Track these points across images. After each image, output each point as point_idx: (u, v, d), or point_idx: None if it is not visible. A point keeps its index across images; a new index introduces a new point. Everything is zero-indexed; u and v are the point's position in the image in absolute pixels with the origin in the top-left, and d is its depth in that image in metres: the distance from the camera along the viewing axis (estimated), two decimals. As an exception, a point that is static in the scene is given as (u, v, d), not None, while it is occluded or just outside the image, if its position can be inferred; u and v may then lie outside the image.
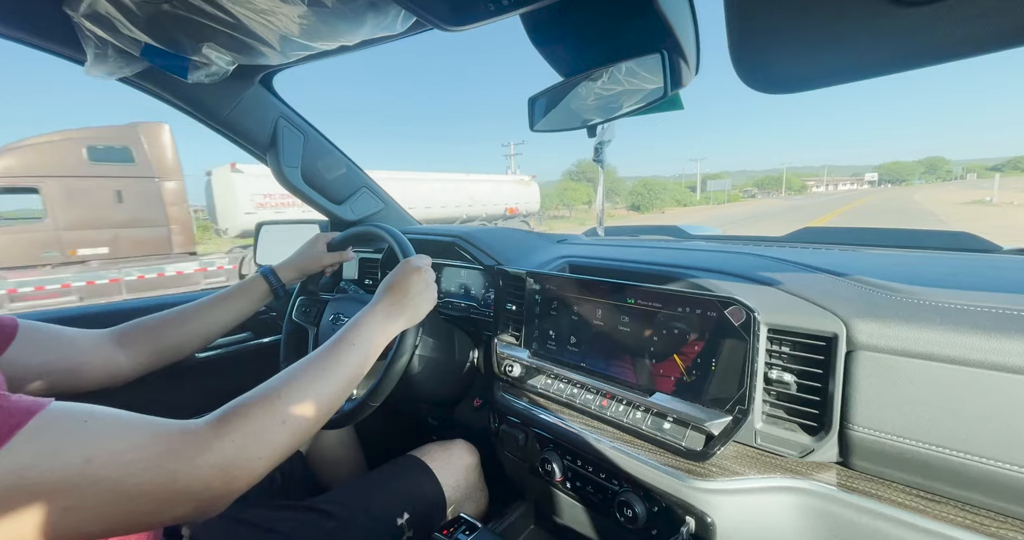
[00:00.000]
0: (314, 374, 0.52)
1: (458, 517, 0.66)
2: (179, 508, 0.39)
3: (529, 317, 0.85)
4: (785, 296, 0.60)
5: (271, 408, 0.46)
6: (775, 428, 0.57)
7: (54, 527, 0.33)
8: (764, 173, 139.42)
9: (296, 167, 1.07)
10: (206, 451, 0.40)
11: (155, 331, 0.75)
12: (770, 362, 0.57)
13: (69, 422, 0.36)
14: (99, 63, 0.70)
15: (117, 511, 0.36)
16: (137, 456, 0.37)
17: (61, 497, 0.33)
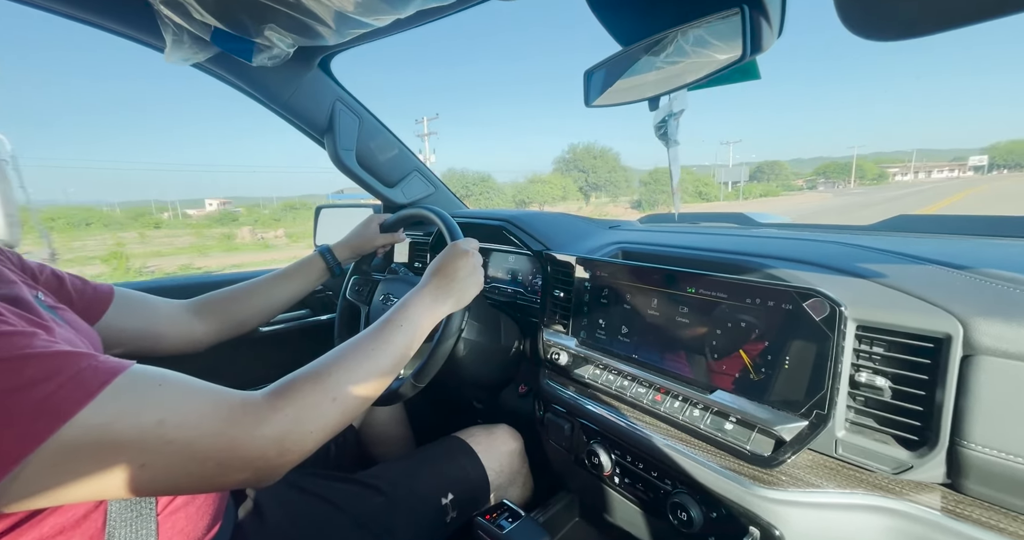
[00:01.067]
0: (363, 354, 0.53)
1: (501, 503, 0.65)
2: (238, 474, 0.41)
3: (578, 305, 0.81)
4: (880, 289, 0.52)
5: (323, 385, 0.47)
6: (862, 438, 0.50)
7: (133, 480, 0.35)
8: (829, 160, 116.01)
9: (351, 150, 1.10)
10: (263, 423, 0.42)
11: (226, 304, 0.81)
12: (858, 363, 0.50)
13: (146, 384, 0.38)
14: (176, 49, 0.74)
15: (185, 471, 0.38)
16: (202, 422, 0.39)
17: (138, 453, 0.35)
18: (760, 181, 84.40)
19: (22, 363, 0.32)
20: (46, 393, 0.32)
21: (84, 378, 0.34)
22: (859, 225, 0.95)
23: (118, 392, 0.35)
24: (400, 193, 1.26)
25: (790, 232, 0.89)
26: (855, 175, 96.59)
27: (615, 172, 40.21)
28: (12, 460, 0.30)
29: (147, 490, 0.37)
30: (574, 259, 0.83)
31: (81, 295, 0.65)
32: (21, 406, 0.31)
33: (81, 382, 0.34)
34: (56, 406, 0.32)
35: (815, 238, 0.77)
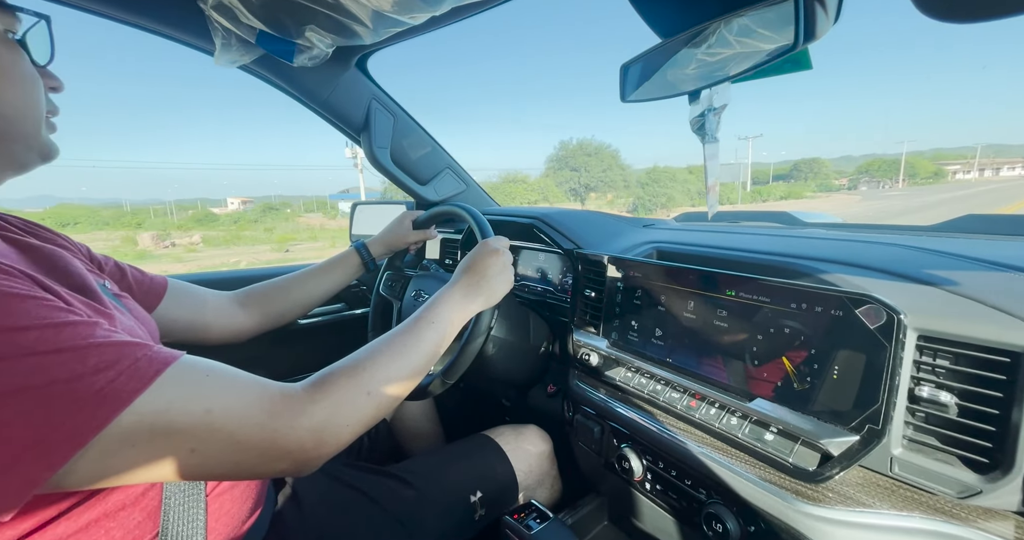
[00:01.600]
0: (396, 351, 0.54)
1: (529, 503, 0.65)
2: (278, 463, 0.42)
3: (609, 305, 0.80)
4: (946, 296, 0.48)
5: (357, 380, 0.48)
6: (921, 457, 0.46)
7: (183, 466, 0.38)
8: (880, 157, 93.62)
9: (386, 148, 1.12)
10: (301, 415, 0.43)
11: (268, 296, 0.85)
12: (919, 377, 0.46)
13: (195, 374, 0.40)
14: (224, 52, 0.77)
15: (231, 459, 0.40)
16: (246, 412, 0.40)
17: (188, 440, 0.37)
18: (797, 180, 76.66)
19: (86, 352, 0.34)
20: (107, 380, 0.34)
21: (140, 367, 0.36)
22: (920, 225, 0.88)
23: (170, 382, 0.37)
24: (432, 190, 1.27)
25: (840, 232, 0.84)
26: (904, 173, 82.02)
27: (611, 171, 33.45)
28: (79, 442, 0.32)
29: (196, 475, 0.39)
30: (606, 258, 0.81)
31: (140, 285, 0.69)
32: (86, 392, 0.33)
33: (137, 371, 0.36)
34: (116, 393, 0.34)
35: (868, 239, 0.72)
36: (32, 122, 0.46)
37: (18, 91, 0.45)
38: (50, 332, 0.34)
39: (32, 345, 0.32)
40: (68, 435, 0.32)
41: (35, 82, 0.47)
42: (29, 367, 0.32)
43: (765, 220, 1.11)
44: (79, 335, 0.35)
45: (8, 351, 0.31)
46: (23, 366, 0.32)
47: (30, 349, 0.32)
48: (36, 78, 0.47)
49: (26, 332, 0.33)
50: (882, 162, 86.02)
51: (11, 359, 0.31)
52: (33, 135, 0.47)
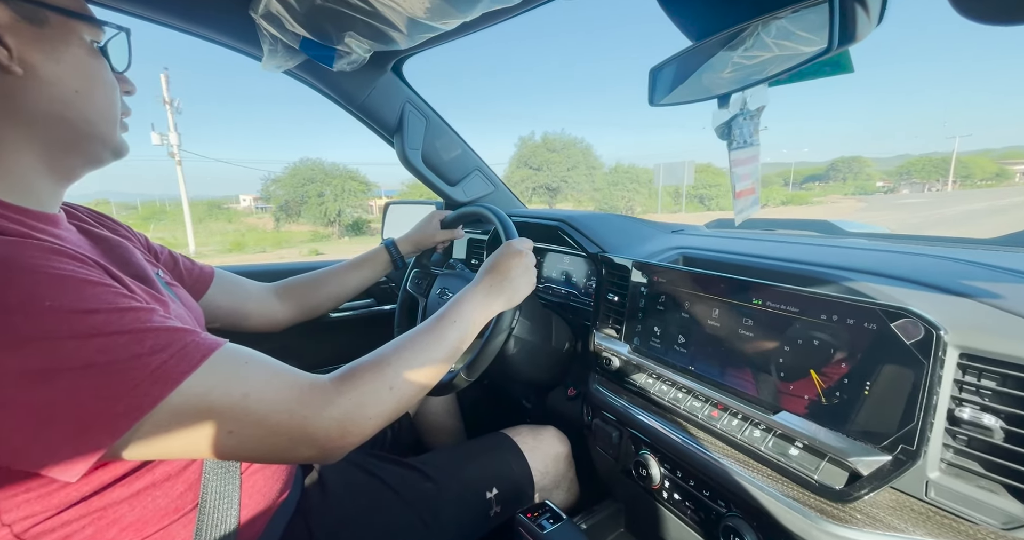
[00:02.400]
0: (419, 347, 0.56)
1: (543, 503, 0.65)
2: (306, 450, 0.45)
3: (632, 310, 0.79)
4: (993, 312, 0.45)
5: (382, 375, 0.51)
6: (961, 483, 0.43)
7: (221, 445, 0.41)
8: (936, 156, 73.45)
9: (418, 149, 1.15)
10: (328, 405, 0.45)
11: (304, 289, 0.89)
12: (960, 397, 0.44)
13: (236, 361, 0.43)
14: (271, 58, 0.82)
15: (264, 443, 0.43)
16: (279, 399, 0.43)
17: (227, 422, 0.40)
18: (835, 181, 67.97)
19: (144, 336, 0.38)
20: (160, 362, 0.38)
21: (188, 352, 0.40)
22: (976, 238, 0.82)
23: (214, 366, 0.40)
24: (461, 191, 1.30)
25: (883, 243, 0.80)
26: (955, 174, 66.16)
27: (576, 170, 27.11)
28: (136, 416, 0.36)
29: (232, 454, 0.42)
30: (631, 263, 0.80)
31: (190, 274, 0.74)
32: (142, 371, 0.37)
33: (186, 355, 0.39)
34: (167, 374, 0.37)
35: (912, 251, 0.68)
36: (110, 123, 0.50)
37: (101, 95, 0.48)
38: (115, 315, 0.37)
39: (99, 326, 0.36)
40: (127, 409, 0.36)
41: (114, 87, 0.50)
42: (96, 346, 0.35)
43: (802, 228, 1.07)
44: (139, 319, 0.39)
45: (79, 330, 0.35)
46: (91, 345, 0.35)
47: (98, 330, 0.36)
48: (115, 83, 0.51)
49: (95, 315, 0.36)
50: (927, 161, 69.83)
51: (81, 338, 0.35)
52: (110, 135, 0.50)
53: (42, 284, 0.35)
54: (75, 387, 0.34)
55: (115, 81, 0.51)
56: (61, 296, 0.36)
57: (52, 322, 0.34)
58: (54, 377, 0.34)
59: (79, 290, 0.37)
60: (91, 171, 0.52)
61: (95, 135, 0.49)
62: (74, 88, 0.46)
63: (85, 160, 0.50)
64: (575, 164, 27.92)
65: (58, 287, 0.36)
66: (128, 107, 0.54)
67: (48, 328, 0.34)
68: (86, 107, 0.47)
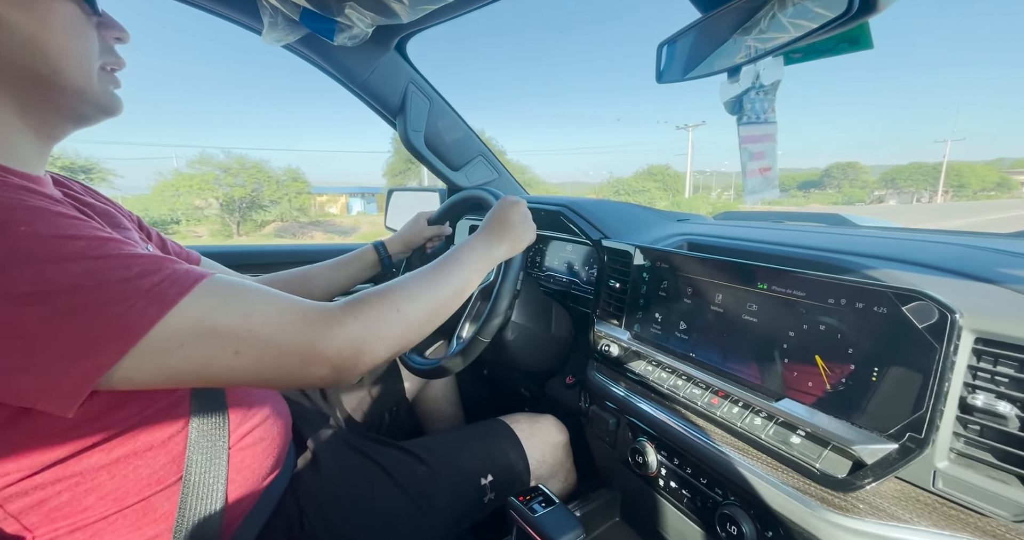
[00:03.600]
0: (424, 280, 0.57)
1: (536, 487, 0.64)
2: (319, 369, 0.44)
3: (633, 296, 0.77)
4: (1011, 295, 0.43)
5: (387, 299, 0.51)
6: (971, 473, 0.41)
7: (230, 368, 0.40)
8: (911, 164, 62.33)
9: (420, 131, 1.13)
10: (338, 325, 0.45)
11: (289, 285, 0.88)
12: (974, 383, 0.42)
13: (229, 286, 0.42)
14: (271, 31, 0.80)
15: (275, 363, 0.42)
16: (284, 319, 0.43)
17: (231, 342, 0.40)
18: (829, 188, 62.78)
19: (131, 260, 0.38)
20: (152, 284, 0.37)
21: (179, 276, 0.39)
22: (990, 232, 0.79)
23: (208, 290, 0.40)
24: (464, 176, 1.28)
25: (898, 234, 0.77)
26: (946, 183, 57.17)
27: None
28: (134, 337, 0.36)
29: (244, 377, 0.42)
30: (632, 248, 0.78)
31: (178, 256, 0.73)
32: (135, 293, 0.36)
33: (177, 279, 0.39)
34: (161, 295, 0.37)
35: (928, 239, 0.65)
36: (84, 73, 0.45)
37: (71, 42, 0.44)
38: (96, 243, 0.37)
39: (81, 251, 0.36)
40: (122, 330, 0.35)
41: (81, 30, 0.45)
42: (81, 270, 0.35)
43: (814, 221, 1.04)
44: (121, 248, 0.38)
45: (61, 254, 0.35)
46: (76, 268, 0.35)
47: (81, 254, 0.35)
48: (83, 26, 0.45)
49: (75, 240, 0.36)
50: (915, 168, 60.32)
51: (65, 261, 0.34)
52: (86, 86, 0.46)
53: (16, 212, 0.35)
54: (67, 310, 0.34)
55: (85, 23, 0.46)
56: (35, 222, 0.35)
57: (29, 245, 0.34)
58: (43, 300, 0.33)
59: (55, 219, 0.36)
60: (77, 129, 0.50)
61: (68, 87, 0.44)
62: (38, 35, 0.42)
63: (64, 116, 0.47)
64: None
65: (32, 216, 0.35)
66: (120, 58, 0.50)
67: (26, 252, 0.34)
68: (54, 56, 0.43)
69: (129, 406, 0.44)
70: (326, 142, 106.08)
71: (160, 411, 0.47)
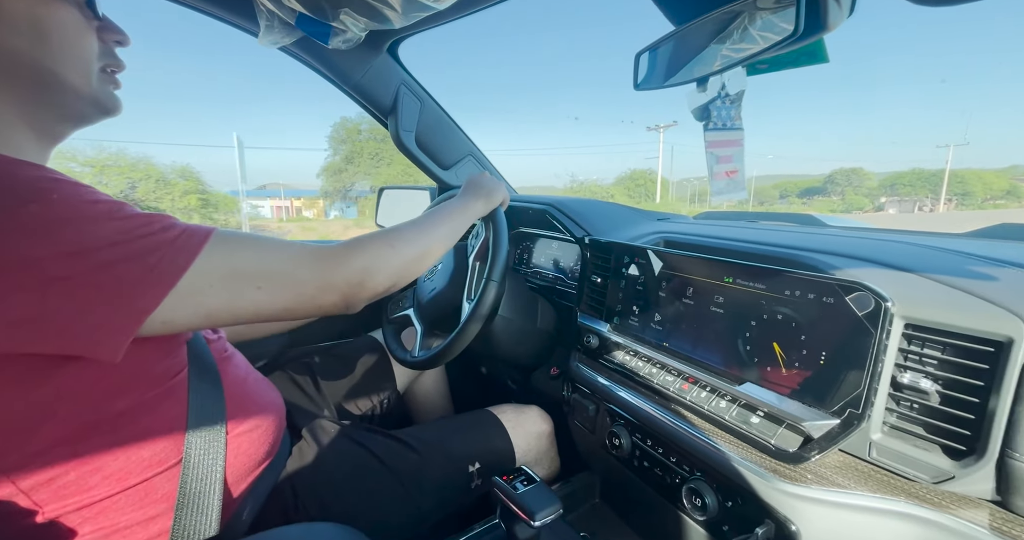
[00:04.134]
0: (415, 227, 0.64)
1: (520, 468, 0.68)
2: (331, 296, 0.53)
3: (613, 290, 0.82)
4: (937, 287, 0.48)
5: (385, 240, 0.59)
6: (900, 443, 0.46)
7: (255, 301, 0.47)
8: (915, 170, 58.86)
9: (411, 131, 1.17)
10: (344, 261, 0.53)
11: None
12: (904, 364, 0.47)
13: (237, 236, 0.48)
14: (268, 33, 0.83)
15: (292, 292, 0.50)
16: (295, 258, 0.50)
17: (254, 278, 0.47)
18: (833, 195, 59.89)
19: (150, 218, 0.43)
20: (175, 236, 0.43)
21: (194, 229, 0.45)
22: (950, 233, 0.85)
23: (223, 239, 0.46)
24: (454, 175, 1.32)
25: (860, 233, 0.83)
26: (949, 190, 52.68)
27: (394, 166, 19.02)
28: (170, 282, 0.41)
29: (269, 309, 0.49)
30: (612, 244, 0.83)
31: None
32: (163, 243, 0.42)
33: (194, 232, 0.44)
34: (186, 244, 0.43)
35: (884, 238, 0.71)
36: (81, 73, 0.47)
37: (66, 43, 0.45)
38: (116, 205, 0.42)
39: (109, 212, 0.41)
40: (159, 276, 0.41)
41: (81, 34, 0.47)
42: (114, 228, 0.40)
43: (788, 221, 1.10)
44: (136, 210, 0.43)
45: (94, 214, 0.40)
46: (109, 226, 0.40)
47: (108, 214, 0.40)
48: (83, 30, 0.47)
49: (99, 204, 0.41)
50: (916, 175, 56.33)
51: (98, 221, 0.40)
52: (82, 86, 0.48)
53: (44, 183, 0.39)
54: (109, 262, 0.38)
55: (84, 25, 0.48)
56: (64, 190, 0.39)
57: (67, 209, 0.38)
58: (88, 255, 0.38)
59: (76, 187, 0.41)
60: (77, 128, 0.52)
61: (65, 87, 0.46)
62: (41, 39, 0.44)
63: (63, 116, 0.49)
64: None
65: (59, 186, 0.40)
66: (120, 60, 0.52)
67: (66, 215, 0.38)
68: (50, 56, 0.45)
69: (131, 392, 0.46)
70: (259, 137, 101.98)
71: (160, 396, 0.49)
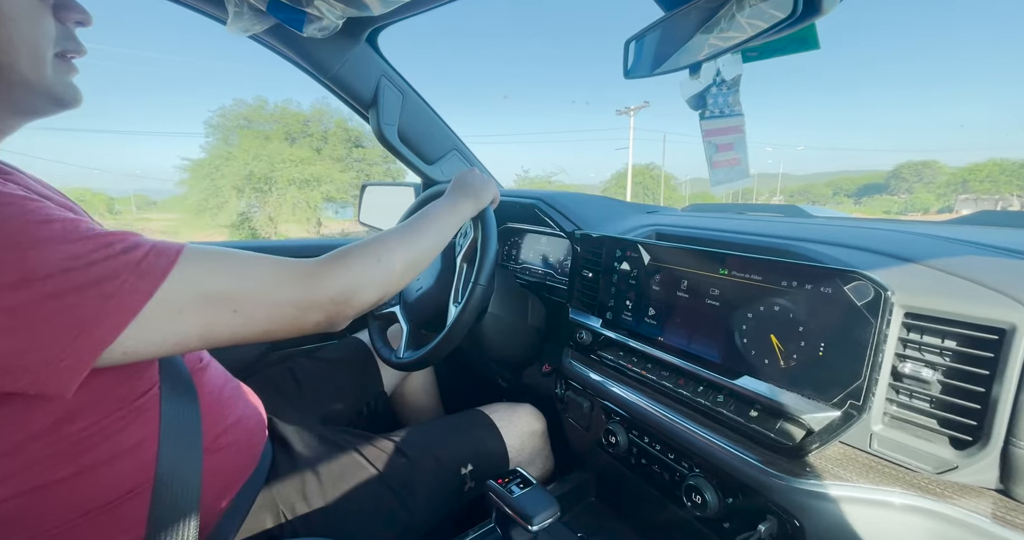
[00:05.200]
0: (401, 235, 0.60)
1: (515, 470, 0.66)
2: (314, 315, 0.48)
3: (605, 285, 0.80)
4: (936, 274, 0.47)
5: (370, 252, 0.54)
6: (901, 434, 0.46)
7: (231, 325, 0.43)
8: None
9: (393, 125, 1.13)
10: (327, 277, 0.49)
11: None
12: (904, 354, 0.46)
13: (211, 251, 0.44)
14: (237, 20, 0.78)
15: (270, 315, 0.45)
16: (274, 276, 0.45)
17: (228, 302, 0.42)
18: (897, 192, 50.76)
19: (109, 238, 0.38)
20: (138, 259, 0.38)
21: (161, 249, 0.40)
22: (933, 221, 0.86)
23: (194, 258, 0.41)
24: (439, 170, 1.28)
25: (848, 222, 0.83)
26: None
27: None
28: (131, 311, 0.36)
29: (246, 333, 0.44)
30: (603, 238, 0.81)
31: None
32: (125, 267, 0.37)
33: (161, 252, 0.40)
34: (150, 269, 0.38)
35: (868, 226, 0.71)
36: (32, 62, 0.42)
37: (9, 26, 0.40)
38: (70, 224, 0.37)
39: (60, 233, 0.36)
40: (119, 305, 0.36)
41: (34, 16, 0.42)
42: (65, 253, 0.35)
43: (774, 212, 1.10)
44: (93, 228, 0.38)
45: (42, 238, 0.35)
46: (61, 251, 0.35)
47: (60, 236, 0.35)
48: (36, 11, 0.42)
49: (51, 224, 0.36)
50: (994, 167, 43.39)
51: (48, 245, 0.35)
52: (35, 77, 0.42)
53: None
54: (58, 292, 0.34)
55: (44, 10, 0.42)
56: (7, 210, 0.34)
57: (9, 232, 0.34)
58: (32, 285, 0.33)
59: (27, 203, 0.36)
60: (29, 122, 0.47)
61: (13, 79, 0.41)
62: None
63: (12, 111, 0.44)
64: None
65: (4, 202, 0.35)
66: (79, 44, 0.46)
67: (10, 238, 0.33)
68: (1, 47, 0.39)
69: (91, 414, 0.42)
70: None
71: (126, 416, 0.45)
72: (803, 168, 53.64)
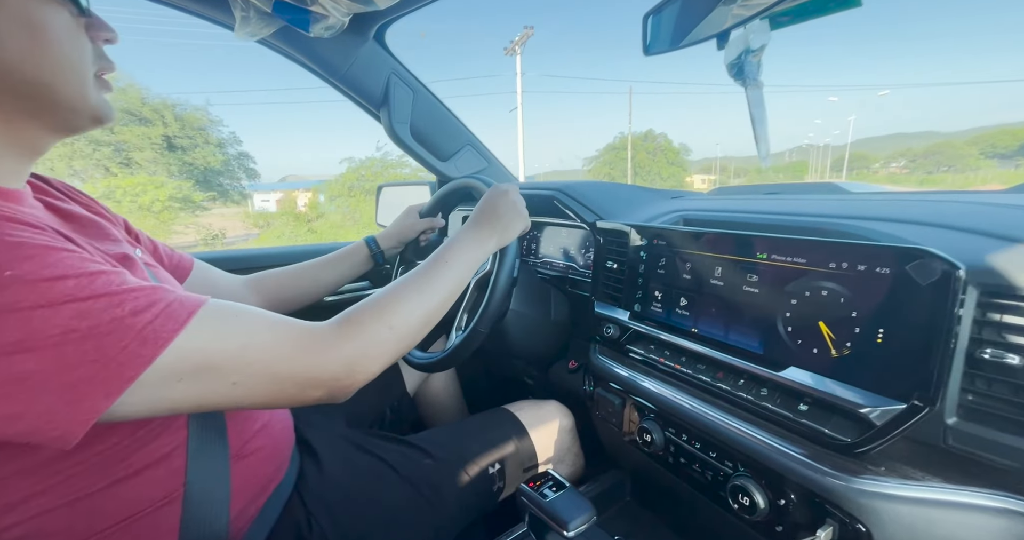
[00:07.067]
0: (414, 289, 0.56)
1: (546, 473, 0.63)
2: (315, 392, 0.46)
3: (632, 276, 0.76)
4: (1012, 246, 0.42)
5: (379, 316, 0.51)
6: (980, 427, 0.41)
7: (228, 396, 0.41)
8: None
9: (405, 123, 1.11)
10: (331, 349, 0.46)
11: (279, 283, 0.87)
12: (981, 338, 0.41)
13: (225, 315, 0.42)
14: (244, 25, 0.78)
15: (270, 389, 0.43)
16: (278, 347, 0.43)
17: (229, 374, 0.40)
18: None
19: (123, 297, 0.36)
20: (145, 322, 0.36)
21: (174, 310, 0.38)
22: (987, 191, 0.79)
23: (203, 322, 0.39)
24: (453, 167, 1.26)
25: (898, 196, 0.76)
26: None
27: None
28: (129, 378, 0.35)
29: (241, 404, 0.43)
30: (628, 227, 0.77)
31: (170, 260, 0.72)
32: (127, 333, 0.35)
33: (172, 314, 0.38)
34: (155, 334, 0.36)
35: (921, 199, 0.65)
36: (76, 84, 0.42)
37: (56, 51, 0.40)
38: (85, 280, 0.35)
39: (70, 292, 0.34)
40: (118, 372, 0.35)
41: (76, 38, 0.42)
42: (71, 313, 0.34)
43: (808, 192, 1.03)
44: (111, 282, 0.37)
45: (49, 298, 0.33)
46: (65, 312, 0.33)
47: (70, 296, 0.34)
48: (77, 33, 0.42)
49: (63, 281, 0.34)
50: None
51: (53, 306, 0.33)
52: (79, 99, 0.43)
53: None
54: (59, 355, 0.33)
55: (79, 30, 0.42)
56: (21, 264, 0.33)
57: (16, 293, 0.32)
58: (33, 347, 0.32)
59: (41, 257, 0.34)
60: (64, 139, 0.47)
61: (58, 101, 0.42)
62: (33, 49, 0.39)
63: (52, 129, 0.44)
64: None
65: (16, 254, 0.33)
66: (110, 61, 0.46)
67: (12, 299, 0.32)
68: (50, 71, 0.40)
69: (121, 429, 0.42)
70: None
71: (155, 428, 0.45)
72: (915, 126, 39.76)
